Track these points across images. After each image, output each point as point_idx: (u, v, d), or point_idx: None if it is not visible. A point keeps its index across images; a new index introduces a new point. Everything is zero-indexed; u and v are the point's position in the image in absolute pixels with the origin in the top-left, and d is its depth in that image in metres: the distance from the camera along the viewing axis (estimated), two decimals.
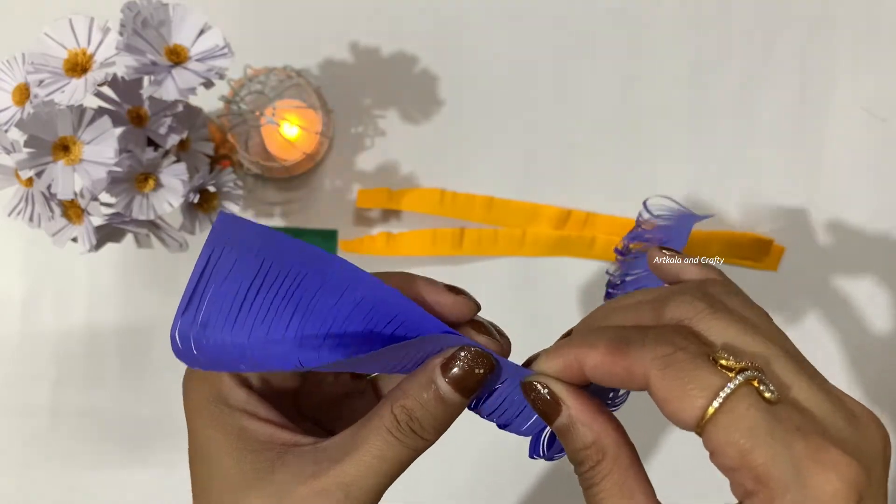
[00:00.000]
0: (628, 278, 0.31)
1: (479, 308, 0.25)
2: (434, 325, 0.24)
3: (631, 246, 0.33)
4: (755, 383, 0.20)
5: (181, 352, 0.22)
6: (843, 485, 0.18)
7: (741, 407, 0.19)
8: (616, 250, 0.33)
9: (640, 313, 0.23)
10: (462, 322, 0.25)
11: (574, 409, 0.22)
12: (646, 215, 0.34)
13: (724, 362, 0.20)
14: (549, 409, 0.23)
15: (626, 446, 0.22)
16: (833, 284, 0.57)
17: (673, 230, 0.33)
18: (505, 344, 0.25)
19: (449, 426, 0.24)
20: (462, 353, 0.23)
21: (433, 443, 0.24)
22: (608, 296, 0.32)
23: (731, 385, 0.19)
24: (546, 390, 0.23)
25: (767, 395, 0.19)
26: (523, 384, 0.24)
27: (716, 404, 0.19)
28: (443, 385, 0.23)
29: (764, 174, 0.57)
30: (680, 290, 0.23)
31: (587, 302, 0.56)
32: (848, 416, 0.20)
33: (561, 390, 0.23)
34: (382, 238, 0.54)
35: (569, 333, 0.26)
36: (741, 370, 0.20)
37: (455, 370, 0.23)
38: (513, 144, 0.56)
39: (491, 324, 0.25)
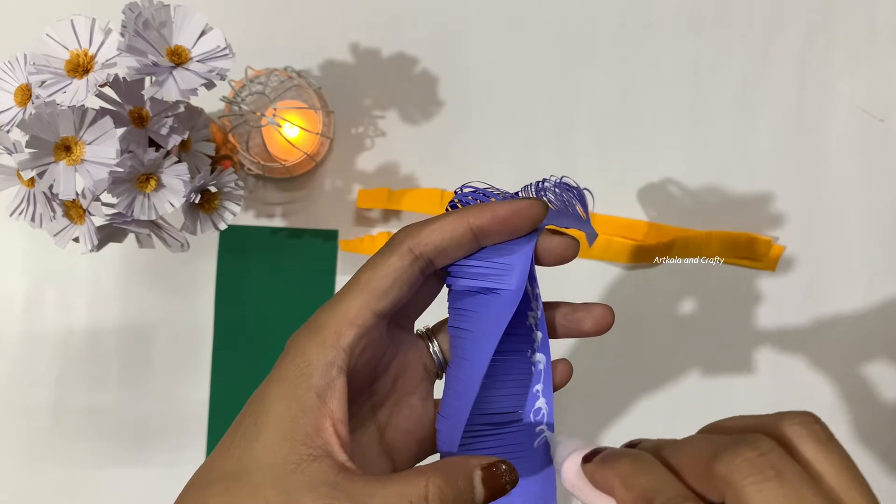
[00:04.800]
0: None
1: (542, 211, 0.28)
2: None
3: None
4: None
5: None
6: None
7: None
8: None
9: (693, 457, 0.22)
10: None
11: None
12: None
13: None
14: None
15: None
16: (831, 284, 0.57)
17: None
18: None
19: None
20: (503, 466, 0.25)
21: None
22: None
23: None
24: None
25: None
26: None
27: None
28: (478, 485, 0.24)
29: (762, 174, 0.57)
30: (737, 442, 0.21)
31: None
32: None
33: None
34: (383, 238, 0.54)
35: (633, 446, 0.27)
36: None
37: (491, 474, 0.24)
38: (512, 144, 0.56)
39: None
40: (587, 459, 0.25)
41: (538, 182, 0.29)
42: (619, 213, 0.56)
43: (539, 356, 0.29)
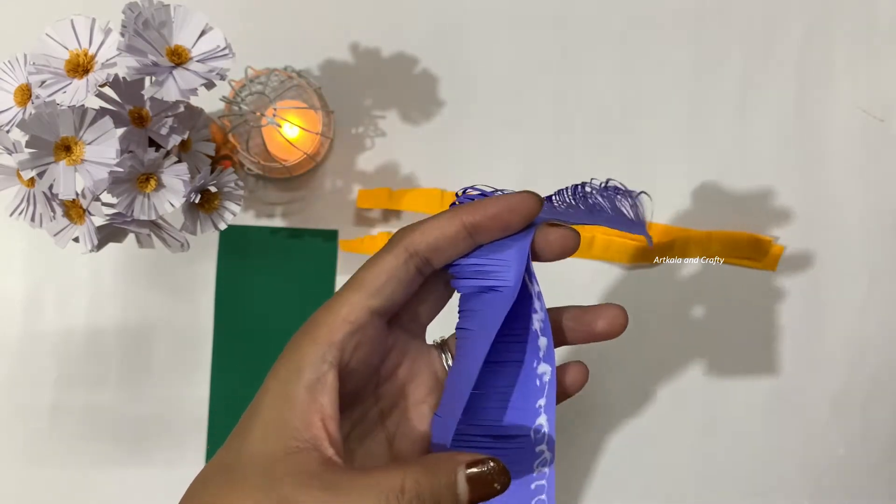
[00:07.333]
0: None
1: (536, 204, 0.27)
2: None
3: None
4: None
5: None
6: None
7: None
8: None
9: None
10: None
11: None
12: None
13: None
14: None
15: None
16: (831, 284, 0.57)
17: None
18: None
19: None
20: (491, 464, 0.23)
21: None
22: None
23: None
24: None
25: None
26: None
27: None
28: (462, 482, 0.23)
29: (763, 174, 0.57)
30: None
31: (585, 301, 0.56)
32: None
33: None
34: (383, 238, 0.54)
35: None
36: None
37: (478, 473, 0.23)
38: (512, 144, 0.56)
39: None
40: None
41: (576, 186, 0.27)
42: None
43: (544, 367, 0.28)
